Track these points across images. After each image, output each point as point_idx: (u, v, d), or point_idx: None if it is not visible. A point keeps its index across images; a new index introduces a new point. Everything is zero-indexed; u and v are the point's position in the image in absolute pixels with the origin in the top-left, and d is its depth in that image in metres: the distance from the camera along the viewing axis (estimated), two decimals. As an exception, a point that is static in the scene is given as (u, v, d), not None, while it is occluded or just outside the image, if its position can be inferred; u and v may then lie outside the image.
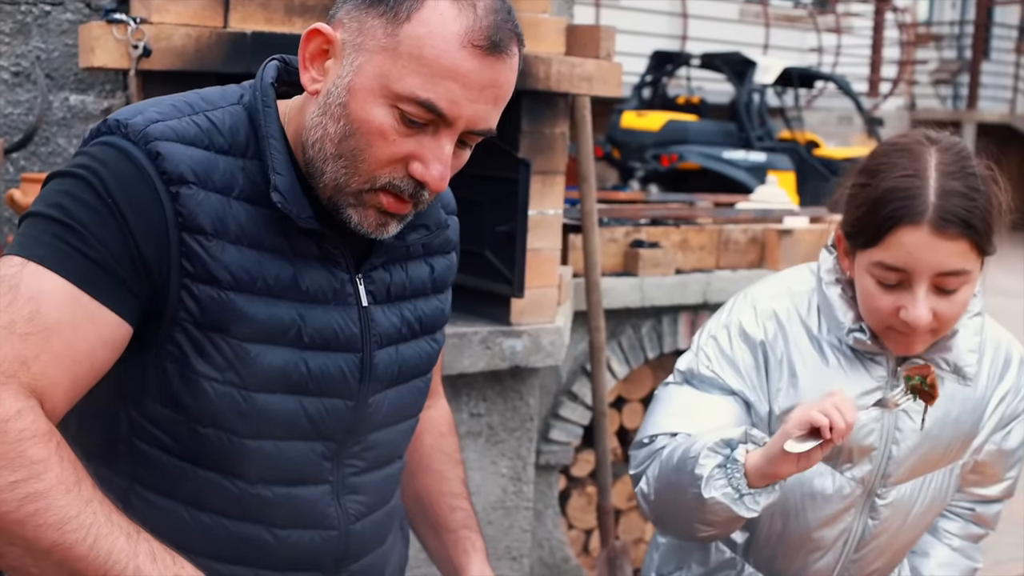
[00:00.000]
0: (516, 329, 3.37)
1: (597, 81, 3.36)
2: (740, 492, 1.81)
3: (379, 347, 1.64)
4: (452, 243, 1.83)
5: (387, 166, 1.48)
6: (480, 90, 1.46)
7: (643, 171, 11.00)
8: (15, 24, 3.20)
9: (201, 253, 1.46)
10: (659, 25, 13.54)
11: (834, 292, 1.97)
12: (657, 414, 2.07)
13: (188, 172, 1.45)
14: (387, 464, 1.75)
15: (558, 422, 4.36)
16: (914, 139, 1.87)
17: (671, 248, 4.55)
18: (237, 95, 1.58)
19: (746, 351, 2.01)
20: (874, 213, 1.82)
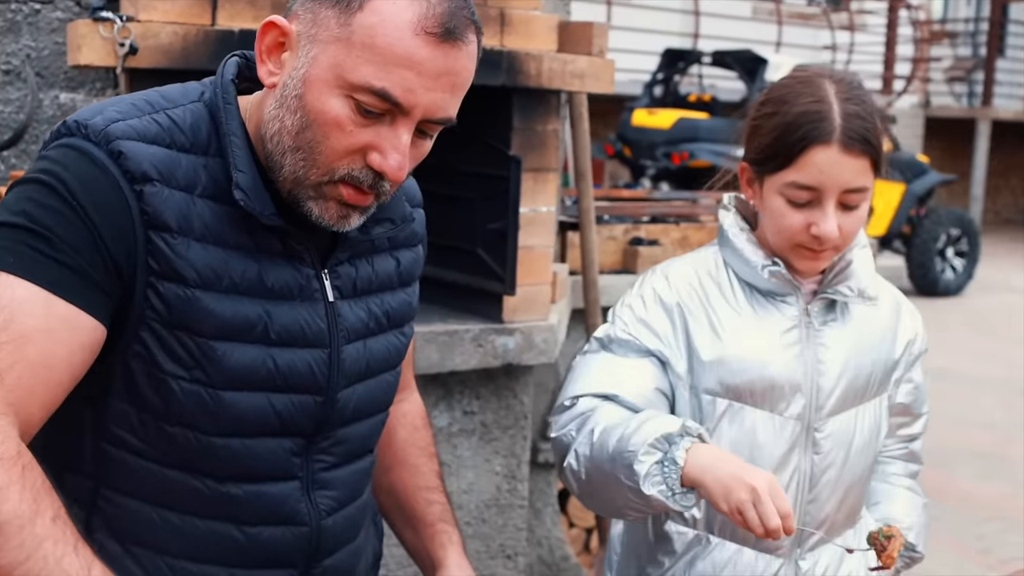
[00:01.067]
0: (508, 327, 3.35)
1: (589, 78, 3.35)
2: (673, 491, 1.86)
3: (347, 342, 1.64)
4: (418, 236, 1.82)
5: (345, 157, 1.47)
6: (435, 78, 1.45)
7: (654, 169, 10.99)
8: (5, 22, 3.20)
9: (167, 251, 1.45)
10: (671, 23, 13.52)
11: (741, 239, 2.08)
12: (577, 380, 2.10)
13: (151, 170, 1.44)
14: (358, 459, 1.74)
15: (557, 420, 4.34)
16: (813, 72, 2.03)
17: (671, 245, 4.54)
18: (198, 92, 1.57)
19: (661, 314, 2.08)
20: (786, 136, 1.95)
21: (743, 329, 2.06)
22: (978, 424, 7.48)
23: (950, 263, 12.78)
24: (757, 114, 2.04)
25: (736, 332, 2.06)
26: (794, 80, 2.03)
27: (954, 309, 12.03)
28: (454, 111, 1.52)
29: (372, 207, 1.56)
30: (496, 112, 3.32)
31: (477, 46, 1.52)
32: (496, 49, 3.16)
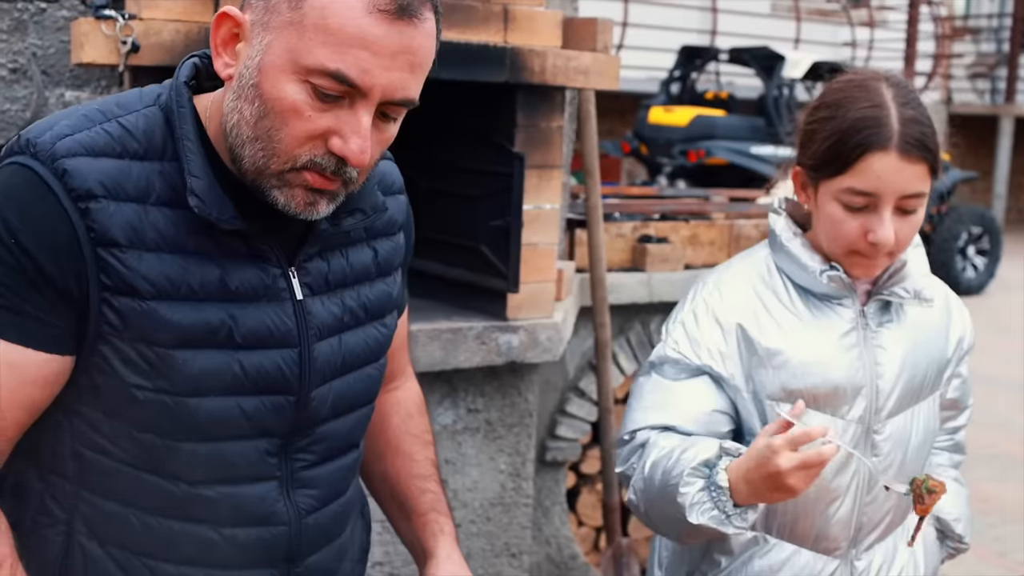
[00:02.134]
0: (512, 324, 3.35)
1: (594, 74, 3.34)
2: (727, 514, 1.87)
3: (318, 339, 1.62)
4: (397, 224, 1.80)
5: (305, 144, 1.45)
6: (392, 57, 1.43)
7: (671, 167, 10.96)
8: (12, 21, 3.22)
9: (117, 266, 1.45)
10: (688, 20, 13.47)
11: (796, 244, 2.06)
12: (634, 409, 2.11)
13: (96, 186, 1.44)
14: (340, 455, 1.73)
15: (565, 418, 4.35)
16: (869, 76, 2.01)
17: (680, 243, 4.52)
18: (154, 96, 1.56)
19: (715, 328, 2.06)
20: (843, 142, 1.93)
21: (803, 333, 2.06)
22: (996, 425, 7.43)
23: (971, 261, 12.71)
24: (812, 118, 2.02)
25: (796, 337, 2.05)
26: (850, 84, 2.01)
27: (975, 308, 11.84)
28: (415, 91, 1.50)
29: (341, 194, 1.53)
30: (500, 109, 3.31)
31: (436, 24, 1.50)
32: (499, 46, 3.15)
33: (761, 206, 5.24)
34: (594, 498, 4.56)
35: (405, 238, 1.84)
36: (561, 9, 3.89)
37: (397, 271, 1.80)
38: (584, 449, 4.50)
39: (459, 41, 3.09)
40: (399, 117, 1.53)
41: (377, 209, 1.69)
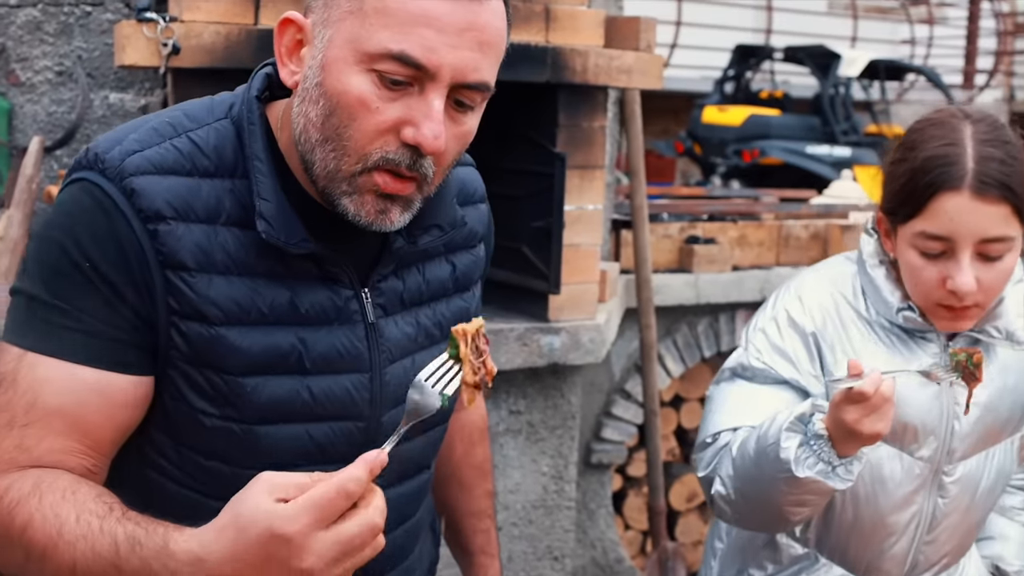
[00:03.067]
0: (554, 326, 3.33)
1: (636, 73, 3.31)
2: (832, 464, 1.80)
3: (390, 362, 1.55)
4: (477, 235, 1.71)
5: (377, 139, 1.36)
6: (458, 34, 1.34)
7: (725, 167, 10.86)
8: (58, 25, 3.25)
9: (185, 290, 1.40)
10: (743, 19, 13.34)
11: (879, 273, 1.99)
12: (715, 412, 2.07)
13: (165, 207, 1.38)
14: (409, 478, 1.66)
15: (611, 420, 4.32)
16: (948, 113, 1.91)
17: (728, 244, 4.48)
18: (225, 108, 1.50)
19: (796, 339, 2.01)
20: (914, 183, 1.85)
21: (878, 363, 1.93)
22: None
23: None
24: (889, 160, 1.94)
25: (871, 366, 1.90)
26: (928, 122, 1.92)
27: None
28: (489, 74, 1.40)
29: (415, 200, 1.44)
30: (541, 109, 3.29)
31: (505, 8, 1.42)
32: (540, 45, 3.13)
33: (813, 207, 5.18)
34: (641, 501, 4.53)
35: (485, 250, 1.76)
36: (605, 8, 3.86)
37: (476, 285, 1.72)
38: (630, 452, 4.47)
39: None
40: (477, 107, 1.43)
41: (455, 225, 1.60)
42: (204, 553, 1.21)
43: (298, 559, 1.18)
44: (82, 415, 1.37)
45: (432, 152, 1.37)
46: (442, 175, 1.45)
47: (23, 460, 1.36)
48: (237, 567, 1.19)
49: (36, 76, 3.28)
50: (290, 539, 1.17)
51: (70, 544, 1.28)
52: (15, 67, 3.28)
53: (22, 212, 3.03)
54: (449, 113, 1.38)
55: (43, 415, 1.36)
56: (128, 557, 1.25)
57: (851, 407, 1.72)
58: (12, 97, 3.29)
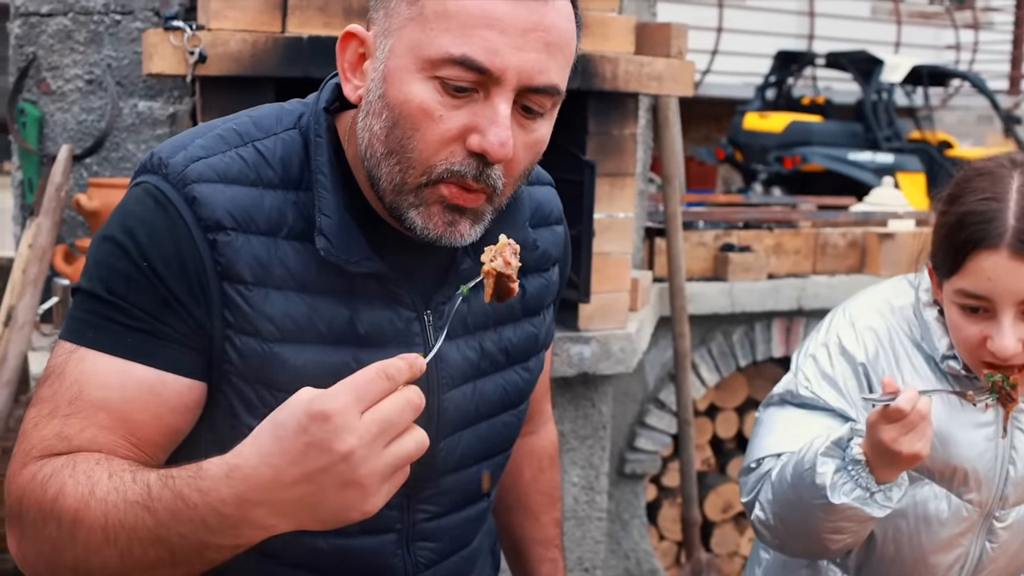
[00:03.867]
0: (584, 335, 3.30)
1: (667, 80, 3.28)
2: (871, 491, 1.73)
3: (450, 388, 1.50)
4: (551, 258, 1.65)
5: (442, 149, 1.31)
6: (522, 35, 1.28)
7: (766, 173, 10.79)
8: (88, 33, 3.26)
9: (241, 304, 1.36)
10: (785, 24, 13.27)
11: (931, 315, 1.91)
12: (761, 437, 2.00)
13: (226, 217, 1.35)
14: (468, 505, 1.61)
15: (644, 430, 4.28)
16: (997, 162, 1.80)
17: (763, 252, 4.42)
18: (295, 117, 1.46)
19: (847, 369, 1.94)
20: (951, 239, 1.76)
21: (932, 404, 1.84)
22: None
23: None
24: (936, 210, 1.85)
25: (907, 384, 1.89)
26: (974, 171, 1.82)
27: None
28: (558, 77, 1.33)
29: (485, 214, 1.38)
30: (570, 116, 3.26)
31: (573, 10, 1.37)
32: (570, 52, 3.10)
33: (851, 214, 5.11)
34: (675, 511, 4.48)
35: (560, 273, 1.69)
36: (638, 13, 3.83)
37: (547, 310, 1.66)
38: (665, 462, 4.43)
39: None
40: (548, 113, 1.37)
41: (526, 247, 1.51)
42: (239, 460, 1.16)
43: (339, 440, 1.11)
44: (128, 411, 1.34)
45: (499, 159, 1.31)
46: (514, 186, 1.39)
47: (61, 448, 1.32)
48: (277, 463, 1.13)
49: (67, 84, 3.29)
50: (330, 415, 1.11)
51: (102, 500, 1.23)
52: (46, 75, 3.29)
53: (51, 220, 3.03)
54: (518, 120, 1.33)
55: (87, 407, 1.32)
56: (160, 494, 1.20)
57: (888, 426, 1.65)
58: (43, 105, 3.30)
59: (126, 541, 1.21)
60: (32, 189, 3.31)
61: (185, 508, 1.18)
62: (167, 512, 1.19)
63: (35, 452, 1.32)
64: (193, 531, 1.18)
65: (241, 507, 1.16)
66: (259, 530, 1.18)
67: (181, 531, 1.19)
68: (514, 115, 1.32)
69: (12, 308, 3.04)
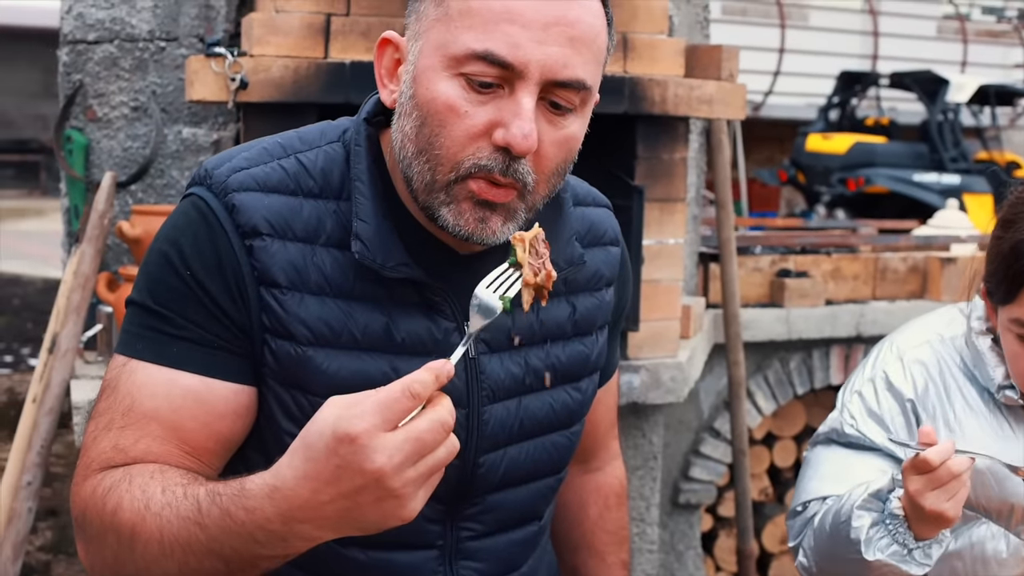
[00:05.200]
0: (633, 363, 3.23)
1: (718, 103, 3.21)
2: (908, 547, 1.67)
3: (491, 401, 1.48)
4: (603, 278, 1.62)
5: (468, 145, 1.31)
6: (544, 29, 1.29)
7: (829, 195, 10.67)
8: (133, 60, 3.25)
9: (276, 307, 1.38)
10: (849, 45, 13.14)
11: (984, 344, 1.84)
12: (807, 479, 1.94)
13: (262, 223, 1.38)
14: (515, 527, 1.57)
15: (699, 459, 4.20)
16: None
17: (821, 278, 4.33)
18: (339, 131, 1.48)
19: (894, 405, 1.88)
20: (1006, 267, 1.71)
21: (982, 437, 1.82)
22: None
23: None
24: (992, 234, 1.80)
25: (974, 439, 1.82)
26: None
27: None
28: (584, 71, 1.33)
29: (519, 210, 1.37)
30: (619, 140, 3.21)
31: (599, 4, 1.36)
32: (618, 75, 3.05)
33: (913, 238, 4.99)
34: (732, 542, 4.38)
35: (616, 295, 1.66)
36: (690, 35, 3.77)
37: (600, 331, 1.63)
38: (721, 491, 4.34)
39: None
40: (577, 110, 1.36)
41: (572, 263, 1.52)
42: (278, 481, 1.18)
43: (368, 460, 1.12)
44: (177, 420, 1.37)
45: (522, 152, 1.30)
46: (547, 184, 1.38)
47: (119, 460, 1.36)
48: (313, 485, 1.16)
49: (112, 112, 3.28)
50: (355, 438, 1.13)
51: (156, 515, 1.27)
52: (92, 103, 3.29)
53: (94, 248, 3.02)
54: (545, 116, 1.33)
55: (140, 418, 1.36)
56: (209, 510, 1.23)
57: (915, 476, 1.59)
58: (89, 132, 3.30)
59: (182, 554, 1.25)
60: (78, 216, 3.30)
61: (234, 525, 1.21)
62: (217, 528, 1.22)
63: (95, 465, 1.36)
64: (244, 545, 1.22)
65: (287, 524, 1.19)
66: (306, 541, 1.22)
67: (233, 545, 1.22)
68: (542, 111, 1.33)
69: (56, 335, 3.03)
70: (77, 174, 3.28)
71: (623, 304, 1.71)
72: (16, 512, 2.99)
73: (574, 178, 1.63)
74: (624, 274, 1.69)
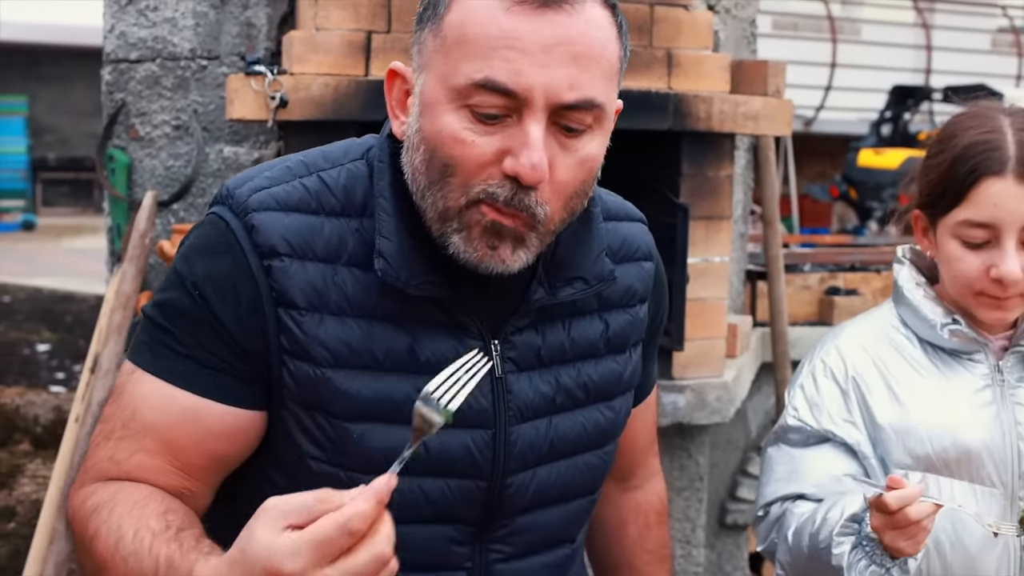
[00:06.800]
0: (678, 384, 3.18)
1: (764, 119, 3.16)
2: (886, 567, 1.70)
3: (519, 421, 1.45)
4: (636, 295, 1.58)
5: (479, 172, 1.29)
6: (545, 51, 1.25)
7: (881, 211, 10.56)
8: (175, 79, 3.26)
9: (294, 329, 1.36)
10: (902, 59, 13.02)
11: (918, 295, 1.91)
12: (764, 484, 1.98)
13: (281, 243, 1.36)
14: (546, 550, 1.54)
15: (747, 479, 4.14)
16: (983, 107, 1.88)
17: (871, 295, 4.26)
18: (363, 149, 1.46)
19: (834, 389, 1.91)
20: (955, 171, 1.80)
21: (927, 393, 1.87)
22: None
23: None
24: (927, 155, 1.89)
25: (920, 397, 1.88)
26: (963, 115, 1.88)
27: None
28: (593, 90, 1.29)
29: (530, 239, 1.34)
30: (664, 157, 3.17)
31: (611, 18, 1.33)
32: (663, 92, 3.01)
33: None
34: (781, 564, 4.31)
35: (651, 311, 1.62)
36: (737, 51, 3.72)
37: (634, 348, 1.59)
38: (769, 512, 4.27)
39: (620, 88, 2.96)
40: (593, 129, 1.33)
41: (602, 279, 1.48)
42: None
43: None
44: (172, 436, 1.38)
45: (532, 183, 1.28)
46: (564, 209, 1.35)
47: (113, 472, 1.39)
48: None
49: (155, 130, 3.29)
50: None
51: (123, 560, 1.28)
52: (135, 122, 3.30)
53: (135, 267, 3.02)
54: (558, 140, 1.30)
55: (138, 431, 1.38)
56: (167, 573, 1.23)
57: (876, 513, 1.64)
58: (132, 152, 3.31)
59: None
60: (120, 235, 3.31)
61: None
62: None
63: (91, 473, 1.41)
64: None
65: None
66: None
67: None
68: (554, 135, 1.30)
69: (98, 355, 3.03)
70: (120, 193, 3.28)
71: (659, 320, 1.68)
72: (57, 532, 3.00)
73: (606, 192, 1.60)
74: (659, 289, 1.66)
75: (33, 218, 16.95)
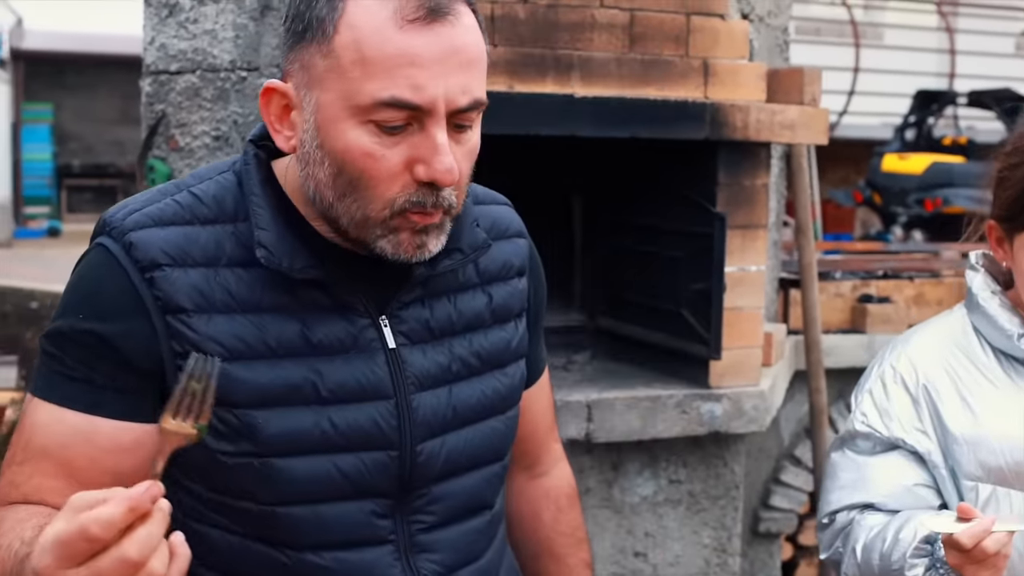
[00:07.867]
0: (715, 392, 3.18)
1: (800, 128, 3.16)
2: None
3: (418, 389, 1.53)
4: (514, 268, 1.69)
5: (394, 183, 1.39)
6: (440, 63, 1.35)
7: (906, 216, 10.54)
8: (215, 90, 3.28)
9: (185, 331, 1.43)
10: (925, 63, 12.98)
11: (993, 304, 1.87)
12: (829, 490, 1.97)
13: (160, 255, 1.43)
14: (467, 517, 1.61)
15: (780, 488, 4.14)
16: None
17: (904, 303, 4.26)
18: (230, 163, 1.55)
19: (904, 396, 1.90)
20: None
21: (1000, 403, 1.85)
22: None
23: None
24: (1003, 164, 1.86)
25: (993, 408, 1.85)
26: None
27: None
28: (480, 91, 1.41)
29: (445, 224, 1.46)
30: (700, 167, 3.17)
31: (475, 18, 1.42)
32: (699, 101, 3.02)
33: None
34: (813, 571, 4.32)
35: (530, 285, 1.72)
36: (770, 59, 3.73)
37: (519, 319, 1.69)
38: (801, 519, 4.27)
39: (657, 98, 2.97)
40: (474, 123, 1.44)
41: (477, 247, 1.59)
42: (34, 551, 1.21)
43: None
44: (66, 457, 1.44)
45: (449, 184, 1.39)
46: (463, 192, 1.47)
47: (13, 496, 1.46)
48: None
49: (195, 141, 3.31)
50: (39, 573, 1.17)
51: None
52: (175, 132, 3.32)
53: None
54: (453, 137, 1.41)
55: (34, 454, 1.45)
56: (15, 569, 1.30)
57: (952, 551, 1.64)
58: (172, 162, 3.33)
59: None
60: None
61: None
62: None
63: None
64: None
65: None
66: None
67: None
68: (450, 134, 1.40)
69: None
70: (160, 203, 3.30)
71: (539, 298, 1.76)
72: None
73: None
74: (534, 266, 1.75)
75: (58, 224, 17.07)
